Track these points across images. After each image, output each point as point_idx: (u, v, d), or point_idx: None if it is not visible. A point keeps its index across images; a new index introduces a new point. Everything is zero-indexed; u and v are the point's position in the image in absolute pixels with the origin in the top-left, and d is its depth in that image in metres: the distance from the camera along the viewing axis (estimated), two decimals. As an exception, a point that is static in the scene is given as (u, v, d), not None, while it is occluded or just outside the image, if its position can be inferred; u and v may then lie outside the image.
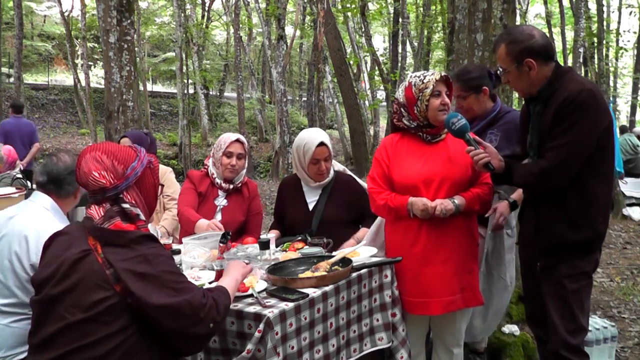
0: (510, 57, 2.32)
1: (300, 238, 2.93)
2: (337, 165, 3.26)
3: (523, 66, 2.30)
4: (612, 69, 18.52)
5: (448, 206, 2.44)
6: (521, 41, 2.30)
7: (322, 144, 3.01)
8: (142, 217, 1.80)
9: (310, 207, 3.10)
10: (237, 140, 3.15)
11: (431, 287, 2.51)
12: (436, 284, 2.50)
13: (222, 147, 3.13)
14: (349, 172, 3.31)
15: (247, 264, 2.20)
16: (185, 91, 17.41)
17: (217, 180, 3.18)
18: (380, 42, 25.40)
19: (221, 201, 3.18)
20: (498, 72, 2.45)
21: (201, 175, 3.23)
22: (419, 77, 2.56)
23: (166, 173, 3.96)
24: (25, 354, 2.15)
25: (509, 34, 2.38)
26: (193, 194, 3.18)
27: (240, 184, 3.22)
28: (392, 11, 15.54)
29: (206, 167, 3.25)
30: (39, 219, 2.26)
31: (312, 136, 3.04)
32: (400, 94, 2.61)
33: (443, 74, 2.57)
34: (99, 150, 1.78)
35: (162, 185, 1.98)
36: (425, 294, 2.51)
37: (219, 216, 3.14)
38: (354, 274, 2.35)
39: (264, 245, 2.59)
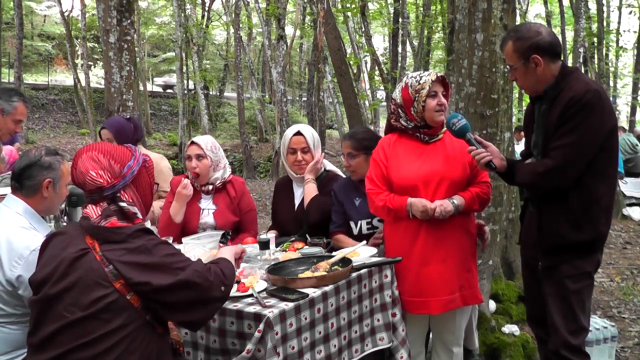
0: (517, 54, 2.32)
1: (293, 239, 2.92)
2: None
3: (530, 63, 2.30)
4: (612, 69, 18.52)
5: (447, 207, 2.44)
6: (528, 38, 2.30)
7: (298, 133, 3.09)
8: (140, 215, 1.81)
9: (296, 205, 3.13)
10: (192, 143, 3.15)
11: (431, 287, 2.51)
12: (436, 284, 2.50)
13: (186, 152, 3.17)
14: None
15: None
16: (186, 91, 17.42)
17: (197, 184, 3.17)
18: (380, 42, 25.40)
19: (208, 205, 3.16)
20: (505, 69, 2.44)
21: (181, 180, 3.22)
22: (415, 77, 2.57)
23: (160, 163, 3.68)
24: (18, 359, 2.12)
25: (516, 31, 2.38)
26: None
27: (220, 184, 3.18)
28: (392, 11, 15.53)
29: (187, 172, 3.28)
30: (9, 228, 2.14)
31: (293, 127, 3.15)
32: (397, 94, 2.61)
33: (439, 74, 2.58)
34: (95, 150, 1.79)
35: (157, 184, 1.99)
36: (425, 294, 2.51)
37: (211, 220, 3.11)
38: (354, 274, 2.35)
39: (264, 245, 2.60)
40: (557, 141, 2.25)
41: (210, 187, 3.16)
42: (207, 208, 3.15)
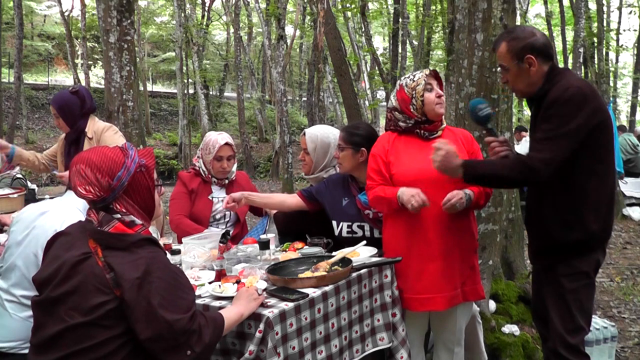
0: (511, 54, 2.32)
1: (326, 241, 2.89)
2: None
3: (524, 63, 2.30)
4: (612, 69, 18.52)
5: (460, 196, 2.42)
6: (523, 38, 2.30)
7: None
8: (138, 221, 1.76)
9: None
10: (226, 144, 3.25)
11: (435, 283, 2.50)
12: (440, 280, 2.50)
13: (212, 151, 3.23)
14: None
15: (259, 295, 2.05)
16: (185, 91, 17.42)
17: (214, 179, 3.32)
18: (380, 42, 25.39)
19: (221, 195, 3.29)
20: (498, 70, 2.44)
21: (191, 175, 3.33)
22: (408, 77, 2.62)
23: (104, 132, 3.48)
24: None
25: (509, 32, 2.39)
26: (185, 200, 3.26)
27: (234, 177, 3.40)
28: (392, 11, 15.54)
29: (196, 167, 3.33)
30: (69, 218, 2.19)
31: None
32: (392, 100, 2.64)
33: (431, 69, 2.62)
34: (83, 163, 1.75)
35: (161, 186, 1.95)
36: (430, 290, 2.50)
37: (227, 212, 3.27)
38: (354, 274, 2.35)
39: (264, 245, 2.59)
40: (534, 138, 2.27)
41: (227, 180, 3.35)
42: (219, 197, 3.29)
